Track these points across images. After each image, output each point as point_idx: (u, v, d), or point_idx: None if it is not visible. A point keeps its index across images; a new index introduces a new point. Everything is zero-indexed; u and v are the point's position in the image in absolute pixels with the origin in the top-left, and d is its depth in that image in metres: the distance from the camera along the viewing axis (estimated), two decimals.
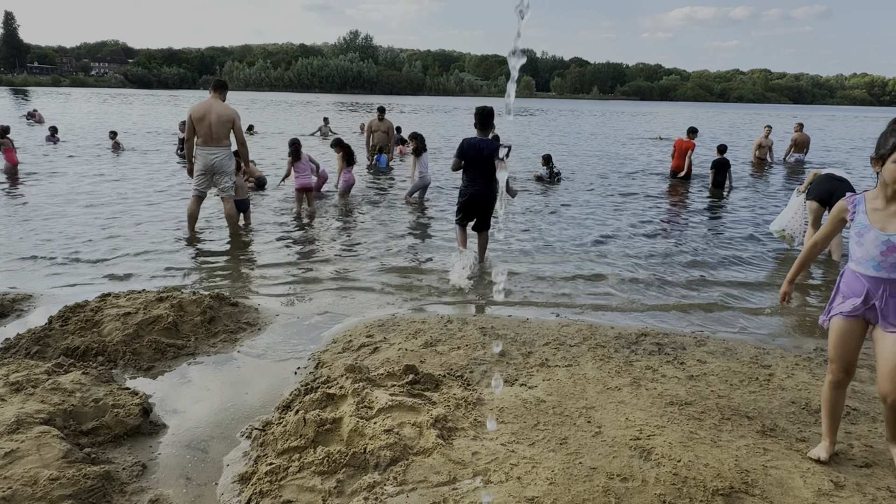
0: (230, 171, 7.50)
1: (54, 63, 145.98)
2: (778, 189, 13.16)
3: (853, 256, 2.73)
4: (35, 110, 27.34)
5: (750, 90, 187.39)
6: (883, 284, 2.63)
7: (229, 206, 7.62)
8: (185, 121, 7.40)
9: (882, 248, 2.57)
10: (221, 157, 7.37)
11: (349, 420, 2.94)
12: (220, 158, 7.35)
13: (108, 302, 4.67)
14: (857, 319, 2.76)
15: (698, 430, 3.14)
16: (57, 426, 3.00)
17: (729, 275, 6.63)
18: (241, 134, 7.47)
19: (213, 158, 7.32)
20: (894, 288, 2.61)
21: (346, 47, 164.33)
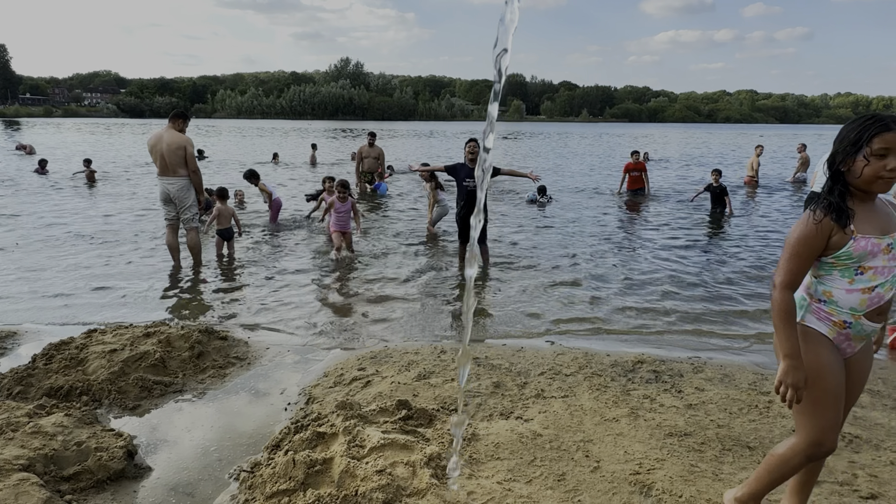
0: (190, 202, 7.31)
1: (46, 94, 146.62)
2: (776, 209, 13.21)
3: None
4: (25, 144, 27.25)
5: (737, 111, 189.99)
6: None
7: (192, 237, 7.46)
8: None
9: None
10: (178, 188, 7.18)
11: (340, 460, 2.85)
12: (176, 188, 7.17)
13: (94, 338, 4.57)
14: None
15: (699, 463, 3.07)
16: (37, 472, 2.89)
17: (724, 298, 6.58)
18: (194, 161, 7.25)
19: (170, 188, 7.17)
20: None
21: (337, 74, 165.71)
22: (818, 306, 2.26)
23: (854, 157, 2.14)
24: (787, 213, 12.68)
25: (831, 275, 2.22)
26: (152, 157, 7.12)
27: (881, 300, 2.19)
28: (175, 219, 7.39)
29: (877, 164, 2.09)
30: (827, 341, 2.25)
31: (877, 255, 2.16)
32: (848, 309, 2.20)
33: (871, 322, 2.22)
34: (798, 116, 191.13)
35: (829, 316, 2.23)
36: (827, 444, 2.25)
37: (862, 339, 2.28)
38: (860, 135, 2.13)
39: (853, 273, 2.19)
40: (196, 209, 7.44)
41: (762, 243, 9.42)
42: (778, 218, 11.99)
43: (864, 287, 2.18)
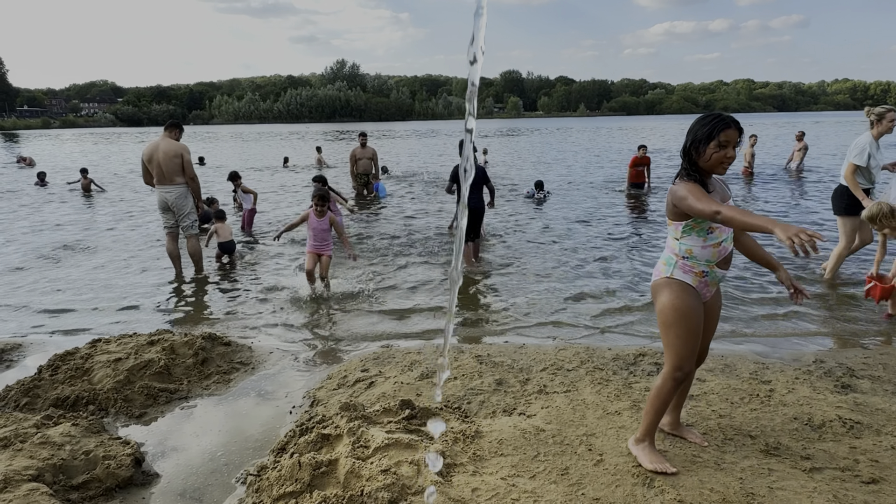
0: (188, 209, 7.35)
1: (43, 105, 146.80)
2: (778, 199, 13.21)
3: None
4: (26, 157, 27.34)
5: (734, 100, 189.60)
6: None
7: (192, 243, 7.51)
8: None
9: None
10: (175, 196, 7.21)
11: (345, 461, 2.88)
12: (173, 196, 7.21)
13: (99, 348, 4.61)
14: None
15: (701, 453, 3.09)
16: (46, 482, 2.93)
17: (723, 290, 6.61)
18: (191, 168, 7.29)
19: (168, 196, 7.20)
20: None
21: (333, 77, 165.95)
22: (683, 262, 2.86)
23: (706, 146, 2.72)
24: (786, 203, 12.66)
25: (690, 236, 2.82)
26: (149, 166, 7.14)
27: (726, 251, 2.85)
28: (174, 227, 7.42)
29: (721, 152, 2.70)
30: (692, 289, 2.85)
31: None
32: (704, 261, 2.83)
33: (721, 269, 2.87)
34: (796, 104, 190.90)
35: (692, 268, 2.84)
36: (686, 367, 2.85)
37: (715, 283, 2.92)
38: (712, 129, 2.71)
39: (706, 233, 2.79)
40: (195, 216, 7.47)
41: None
42: (772, 210, 11.98)
43: (714, 243, 2.81)
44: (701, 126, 2.76)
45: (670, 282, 2.86)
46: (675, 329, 2.82)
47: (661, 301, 2.88)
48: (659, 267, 2.96)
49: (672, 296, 2.83)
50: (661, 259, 2.96)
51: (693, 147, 2.77)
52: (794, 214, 11.03)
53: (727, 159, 2.72)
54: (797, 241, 2.25)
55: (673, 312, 2.82)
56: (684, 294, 2.83)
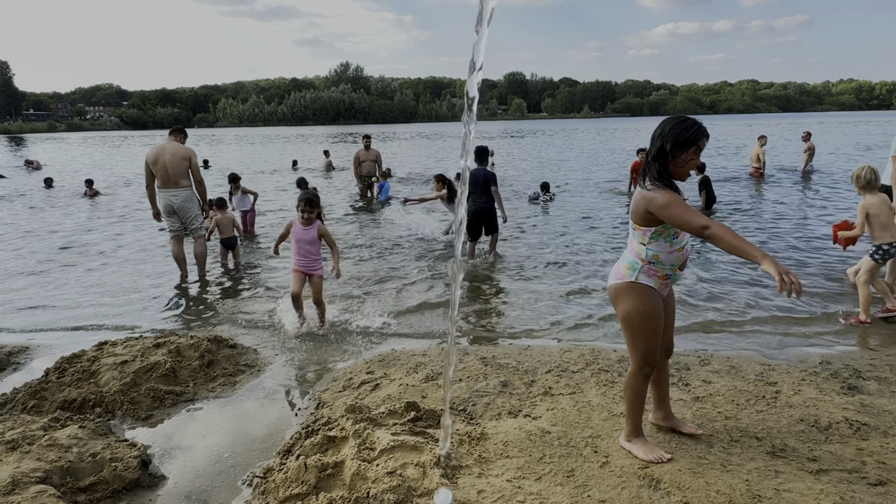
0: (194, 212, 7.37)
1: (49, 109, 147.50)
2: (789, 201, 13.17)
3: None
4: (32, 160, 27.51)
5: (739, 101, 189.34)
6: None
7: (198, 246, 7.52)
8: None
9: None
10: (181, 199, 7.23)
11: (351, 463, 2.88)
12: (179, 200, 7.22)
13: (105, 350, 4.63)
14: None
15: (707, 455, 3.08)
16: (54, 484, 2.94)
17: (726, 292, 6.59)
18: (198, 172, 7.33)
19: (173, 200, 7.21)
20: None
21: (337, 79, 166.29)
22: (649, 266, 2.92)
23: (686, 151, 2.77)
24: (797, 205, 12.63)
25: (657, 241, 2.87)
26: (153, 169, 7.13)
27: (687, 254, 2.97)
28: (180, 230, 7.43)
29: (695, 158, 2.81)
30: (654, 292, 2.95)
31: None
32: (669, 265, 2.92)
33: (680, 272, 3.01)
34: (801, 105, 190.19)
35: (657, 272, 2.93)
36: (652, 362, 2.99)
37: (674, 283, 3.07)
38: (695, 135, 2.76)
39: (672, 238, 2.87)
40: (202, 218, 7.50)
41: (771, 235, 9.41)
42: (785, 212, 11.95)
43: (679, 247, 2.89)
44: (682, 131, 2.78)
45: (635, 286, 2.94)
46: (643, 332, 2.93)
47: (626, 306, 2.95)
48: (621, 270, 3.00)
49: (638, 301, 2.92)
50: (624, 262, 3.00)
51: (671, 151, 2.79)
52: (812, 216, 11.00)
53: (694, 166, 2.86)
54: (787, 280, 2.37)
55: (640, 318, 2.92)
56: (649, 298, 2.92)
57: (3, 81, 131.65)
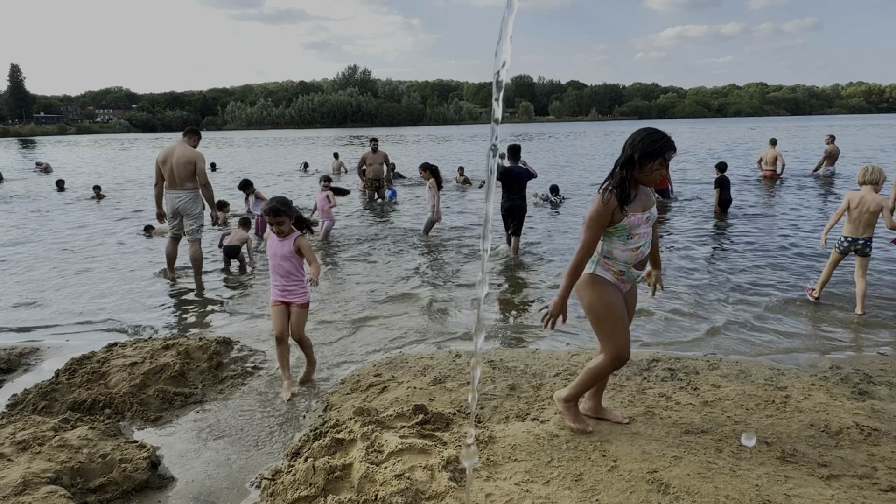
0: (195, 213, 7.43)
1: (59, 112, 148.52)
2: (794, 205, 13.10)
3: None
4: (42, 163, 27.77)
5: (747, 104, 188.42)
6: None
7: (194, 249, 7.54)
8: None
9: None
10: (185, 200, 7.33)
11: (359, 466, 2.89)
12: (183, 201, 7.32)
13: (115, 352, 4.66)
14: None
15: (716, 460, 3.07)
16: (64, 485, 2.96)
17: (734, 296, 6.56)
18: (204, 175, 7.39)
19: (178, 201, 7.32)
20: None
21: (345, 82, 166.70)
22: (605, 261, 3.14)
23: (653, 161, 2.98)
24: (814, 210, 12.54)
25: (612, 239, 3.10)
26: (162, 168, 7.24)
27: (642, 255, 3.15)
28: (178, 233, 7.55)
29: (660, 169, 3.02)
30: (611, 284, 3.15)
31: (640, 225, 3.08)
32: (623, 262, 3.11)
33: (636, 270, 3.18)
34: (810, 107, 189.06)
35: (611, 267, 3.14)
36: (624, 355, 3.14)
37: (631, 281, 3.21)
38: (661, 147, 2.98)
39: (626, 238, 3.08)
40: (202, 222, 7.55)
41: (783, 241, 9.37)
42: (798, 218, 11.87)
43: (633, 247, 3.10)
44: (652, 142, 2.99)
45: (593, 278, 3.15)
46: (608, 320, 3.12)
47: (587, 298, 3.16)
48: None
49: (598, 291, 3.13)
50: None
51: (639, 160, 2.99)
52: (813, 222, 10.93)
53: (659, 177, 3.07)
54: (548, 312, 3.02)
55: (602, 306, 3.12)
56: (607, 288, 3.14)
57: (15, 84, 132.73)
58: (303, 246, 4.42)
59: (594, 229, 3.03)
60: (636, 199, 3.07)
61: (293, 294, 4.44)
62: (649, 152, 2.98)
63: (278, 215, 4.33)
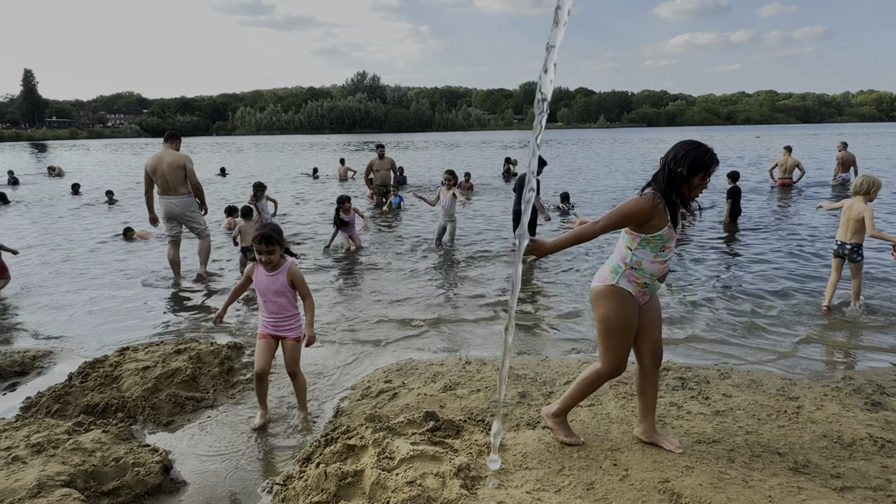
0: (195, 216, 7.64)
1: (71, 116, 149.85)
2: (808, 214, 13.04)
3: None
4: (55, 167, 28.02)
5: (757, 112, 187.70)
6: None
7: (204, 243, 7.85)
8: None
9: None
10: (181, 206, 7.48)
11: (371, 472, 2.89)
12: (180, 208, 7.48)
13: (127, 356, 4.69)
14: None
15: (728, 470, 3.06)
16: (78, 488, 2.99)
17: (745, 305, 6.53)
18: (195, 177, 7.54)
19: (173, 207, 7.48)
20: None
21: (354, 88, 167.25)
22: (631, 272, 3.07)
23: (698, 175, 2.97)
24: (826, 218, 12.48)
25: (644, 249, 3.04)
26: (153, 177, 7.40)
27: (668, 268, 3.15)
28: (178, 235, 7.73)
29: (699, 185, 3.02)
30: (632, 298, 3.09)
31: (673, 239, 3.07)
32: (650, 274, 3.07)
33: (659, 283, 3.17)
34: (820, 116, 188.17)
35: (637, 279, 3.08)
36: (622, 367, 3.17)
37: (651, 293, 3.17)
38: (710, 161, 2.97)
39: (658, 250, 3.04)
40: (203, 220, 7.80)
41: (791, 249, 9.32)
42: (811, 229, 11.81)
43: (662, 259, 3.06)
44: (697, 157, 2.96)
45: (614, 290, 3.09)
46: (618, 335, 3.10)
47: (604, 309, 3.10)
48: (604, 273, 3.15)
49: (616, 305, 3.07)
50: (608, 266, 3.16)
51: (688, 176, 2.98)
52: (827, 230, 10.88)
53: (699, 192, 3.07)
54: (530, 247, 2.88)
55: (617, 321, 3.08)
56: (626, 304, 3.08)
57: (28, 89, 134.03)
58: (297, 277, 3.97)
59: (621, 222, 3.00)
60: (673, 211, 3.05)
61: (285, 328, 4.00)
62: (696, 167, 2.96)
63: (271, 244, 3.83)
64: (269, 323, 3.98)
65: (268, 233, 3.82)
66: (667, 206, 2.99)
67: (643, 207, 2.96)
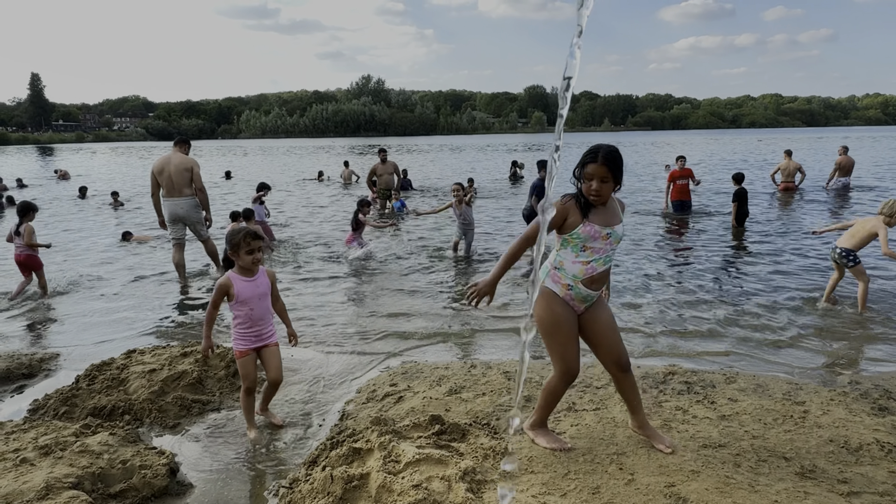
0: (198, 218, 7.80)
1: (78, 120, 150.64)
2: (811, 217, 13.01)
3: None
4: (60, 170, 28.23)
5: (762, 115, 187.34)
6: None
7: (210, 246, 8.02)
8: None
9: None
10: (186, 208, 7.62)
11: (377, 475, 2.90)
12: (185, 209, 7.62)
13: (134, 359, 4.71)
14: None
15: (734, 475, 3.05)
16: (85, 490, 3.00)
17: (751, 309, 6.52)
18: (200, 181, 7.67)
19: (178, 209, 7.62)
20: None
21: (358, 92, 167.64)
22: (555, 272, 3.10)
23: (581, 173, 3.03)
24: (826, 221, 12.45)
25: (566, 248, 3.07)
26: (159, 178, 7.53)
27: (594, 271, 3.05)
28: (182, 238, 7.85)
29: (587, 184, 3.00)
30: (559, 299, 3.10)
31: (596, 239, 3.03)
32: (571, 275, 3.06)
33: (586, 288, 3.08)
34: (825, 119, 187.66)
35: (560, 279, 3.09)
36: (573, 370, 3.15)
37: (581, 300, 3.11)
38: (582, 161, 3.02)
39: (579, 249, 3.05)
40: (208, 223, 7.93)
41: (791, 254, 9.30)
42: (814, 232, 11.78)
43: (583, 260, 3.04)
44: (583, 156, 3.04)
45: (544, 291, 3.13)
46: (556, 337, 3.10)
47: (536, 310, 3.11)
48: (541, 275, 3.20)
49: (544, 305, 3.10)
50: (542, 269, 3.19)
51: (577, 174, 3.07)
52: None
53: (592, 191, 2.98)
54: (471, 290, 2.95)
55: (547, 322, 3.09)
56: (553, 304, 3.09)
57: (35, 93, 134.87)
58: (274, 277, 3.94)
59: (538, 226, 3.04)
60: (598, 212, 3.05)
61: (269, 335, 3.90)
62: (580, 165, 3.05)
63: (258, 238, 3.79)
64: (252, 334, 3.83)
65: (254, 230, 3.82)
66: (579, 205, 3.02)
67: (561, 205, 3.05)
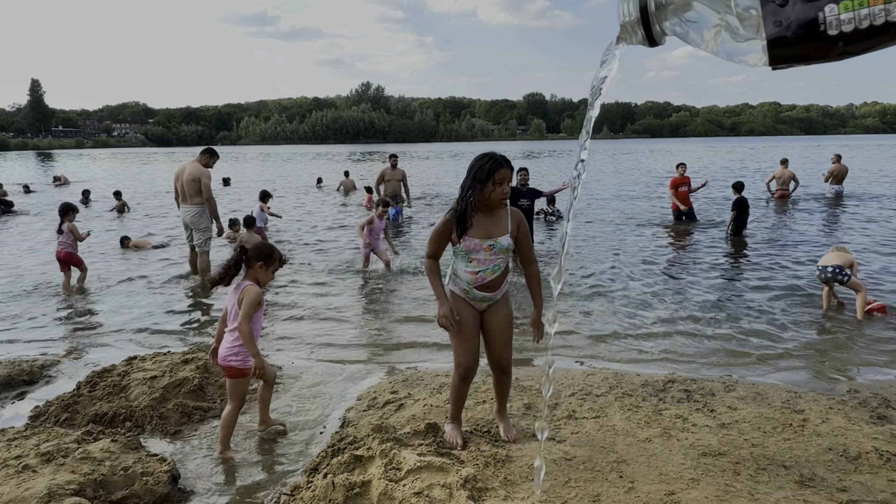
0: (202, 227, 7.95)
1: (77, 126, 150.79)
2: (807, 225, 13.05)
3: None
4: (60, 176, 28.29)
5: (760, 123, 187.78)
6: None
7: (202, 260, 8.12)
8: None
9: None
10: (192, 214, 7.87)
11: (378, 483, 2.91)
12: (191, 215, 7.89)
13: (135, 365, 4.72)
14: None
15: (734, 483, 3.07)
16: (87, 497, 3.01)
17: (750, 318, 6.54)
18: (208, 191, 7.88)
19: (185, 215, 7.93)
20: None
21: (358, 98, 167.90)
22: (454, 277, 3.39)
23: (485, 184, 3.13)
24: (818, 228, 12.49)
25: (457, 258, 3.35)
26: (176, 185, 7.92)
27: (483, 280, 3.29)
28: (193, 243, 8.11)
29: (499, 188, 3.15)
30: (460, 299, 3.36)
31: (479, 251, 3.25)
32: (465, 282, 3.31)
33: (482, 292, 3.33)
34: (824, 127, 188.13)
35: (457, 284, 3.37)
36: (465, 364, 3.37)
37: (482, 301, 3.36)
38: (490, 169, 3.13)
39: (466, 261, 3.30)
40: (209, 234, 8.05)
41: (789, 261, 9.33)
42: (811, 238, 11.82)
43: (472, 270, 3.28)
44: (480, 168, 3.16)
45: (450, 292, 3.39)
46: (452, 335, 3.34)
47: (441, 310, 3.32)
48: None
49: (447, 304, 3.28)
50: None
51: (472, 186, 3.17)
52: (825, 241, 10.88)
53: (504, 195, 3.17)
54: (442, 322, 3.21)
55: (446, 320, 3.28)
56: (456, 302, 3.35)
57: (34, 99, 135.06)
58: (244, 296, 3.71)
59: (436, 242, 3.34)
60: (478, 225, 3.22)
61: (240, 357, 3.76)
62: (479, 178, 3.15)
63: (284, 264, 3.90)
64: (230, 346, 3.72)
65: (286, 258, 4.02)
66: (457, 221, 3.22)
67: (440, 229, 3.29)
